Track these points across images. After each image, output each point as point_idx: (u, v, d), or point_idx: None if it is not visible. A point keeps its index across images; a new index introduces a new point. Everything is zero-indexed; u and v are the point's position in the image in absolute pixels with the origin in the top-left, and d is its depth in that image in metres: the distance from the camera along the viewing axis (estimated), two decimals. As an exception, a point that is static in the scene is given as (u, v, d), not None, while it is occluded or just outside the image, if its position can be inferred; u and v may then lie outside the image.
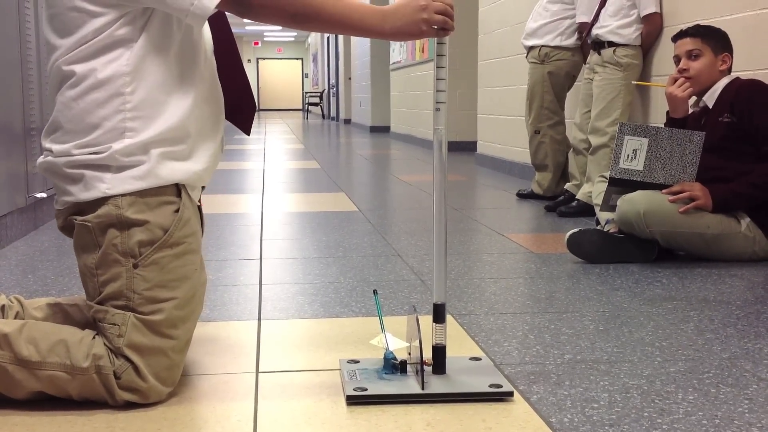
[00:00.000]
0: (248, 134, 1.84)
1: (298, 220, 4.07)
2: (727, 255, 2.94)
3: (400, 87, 11.49)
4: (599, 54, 4.14)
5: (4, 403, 1.56)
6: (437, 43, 1.62)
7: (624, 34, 4.03)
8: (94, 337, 1.57)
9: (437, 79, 1.63)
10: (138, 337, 1.55)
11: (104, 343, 1.56)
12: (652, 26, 3.99)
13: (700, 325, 2.15)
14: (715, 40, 3.04)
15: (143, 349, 1.55)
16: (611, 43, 4.06)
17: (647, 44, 4.05)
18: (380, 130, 14.05)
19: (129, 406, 1.56)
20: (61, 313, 1.76)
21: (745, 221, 2.91)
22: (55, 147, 1.60)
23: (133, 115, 1.57)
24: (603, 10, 4.12)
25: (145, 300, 1.56)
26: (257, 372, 1.79)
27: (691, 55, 3.06)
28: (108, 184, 1.56)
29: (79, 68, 1.56)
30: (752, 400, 1.61)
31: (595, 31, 4.15)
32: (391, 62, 12.26)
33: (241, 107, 1.79)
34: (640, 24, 4.02)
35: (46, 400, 1.56)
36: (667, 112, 3.17)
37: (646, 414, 1.54)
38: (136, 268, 1.56)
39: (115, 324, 1.55)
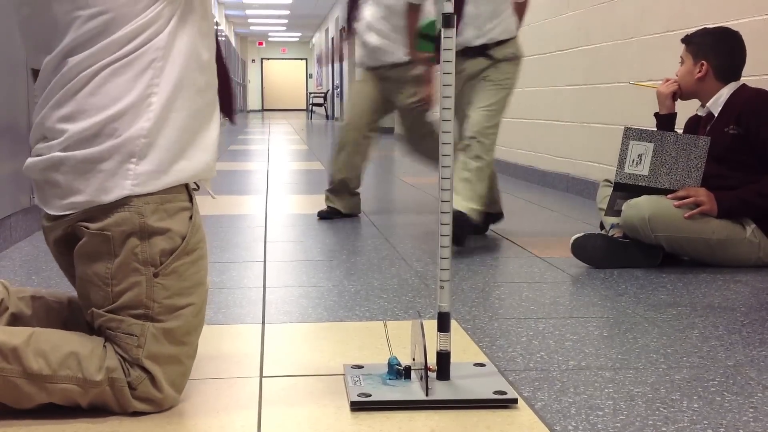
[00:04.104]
0: (233, 123, 1.84)
1: (302, 222, 4.07)
2: (731, 261, 2.93)
3: (404, 88, 11.45)
4: (487, 56, 3.49)
5: (8, 409, 1.54)
6: (444, 50, 1.62)
7: (510, 29, 3.52)
8: (104, 346, 1.54)
9: (444, 85, 1.62)
10: (156, 347, 1.53)
11: (117, 354, 1.53)
12: (522, 8, 3.61)
13: (705, 331, 2.14)
14: (696, 47, 3.06)
15: (161, 358, 1.54)
16: (500, 42, 3.50)
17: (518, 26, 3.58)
18: (384, 131, 14.03)
19: (134, 412, 1.55)
20: (43, 308, 1.71)
21: (751, 227, 2.91)
22: (71, 127, 1.51)
23: (154, 115, 1.53)
24: (474, 16, 3.47)
25: (164, 309, 1.54)
26: (261, 376, 1.79)
27: (681, 61, 3.15)
28: (133, 181, 1.52)
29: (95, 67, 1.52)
30: (757, 409, 1.60)
31: (479, 41, 3.47)
32: (395, 63, 12.23)
33: (224, 99, 1.81)
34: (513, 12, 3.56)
35: (51, 406, 1.55)
36: (656, 113, 3.22)
37: (650, 422, 1.53)
38: (156, 277, 1.53)
39: (133, 334, 1.53)
